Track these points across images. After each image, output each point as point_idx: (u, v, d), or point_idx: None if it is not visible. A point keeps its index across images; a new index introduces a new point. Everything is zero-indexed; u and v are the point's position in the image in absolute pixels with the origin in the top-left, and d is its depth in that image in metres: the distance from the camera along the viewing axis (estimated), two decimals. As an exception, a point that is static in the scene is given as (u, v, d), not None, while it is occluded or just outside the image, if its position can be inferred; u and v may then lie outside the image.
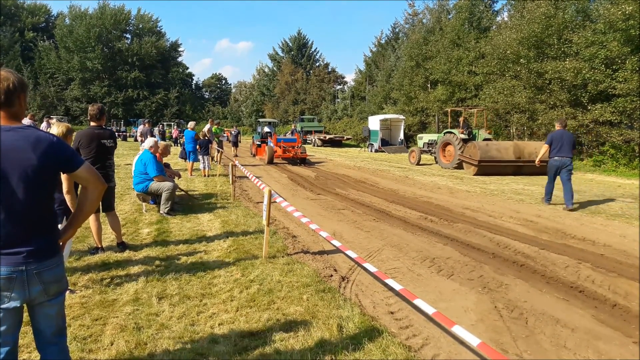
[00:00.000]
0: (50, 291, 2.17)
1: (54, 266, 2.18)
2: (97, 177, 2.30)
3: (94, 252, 5.39)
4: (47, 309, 2.21)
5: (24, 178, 2.05)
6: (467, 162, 15.71)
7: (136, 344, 3.26)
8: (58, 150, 2.16)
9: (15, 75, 2.14)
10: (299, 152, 18.83)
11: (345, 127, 41.73)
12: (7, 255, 2.03)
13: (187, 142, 13.99)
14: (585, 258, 5.64)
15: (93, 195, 2.31)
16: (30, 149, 2.07)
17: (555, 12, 19.68)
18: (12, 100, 2.13)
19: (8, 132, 2.05)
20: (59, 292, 2.23)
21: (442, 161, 18.71)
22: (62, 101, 59.83)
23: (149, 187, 7.77)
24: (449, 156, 18.30)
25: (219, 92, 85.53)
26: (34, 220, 2.12)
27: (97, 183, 2.30)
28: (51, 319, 2.25)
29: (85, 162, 2.28)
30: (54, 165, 2.16)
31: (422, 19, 39.61)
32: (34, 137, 2.10)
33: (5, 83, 2.09)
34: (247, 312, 3.85)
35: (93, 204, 2.34)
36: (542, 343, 3.46)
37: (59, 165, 2.20)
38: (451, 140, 18.02)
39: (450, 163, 17.96)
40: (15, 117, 2.16)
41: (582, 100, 18.60)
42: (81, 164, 2.24)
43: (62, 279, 2.24)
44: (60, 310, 2.29)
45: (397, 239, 6.55)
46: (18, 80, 2.14)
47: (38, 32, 62.73)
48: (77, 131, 5.51)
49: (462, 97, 28.30)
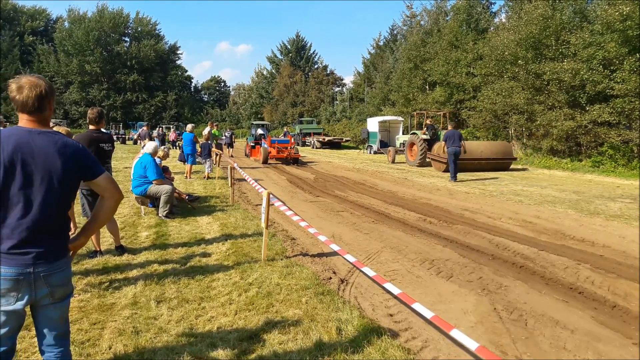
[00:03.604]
0: (56, 294, 2.19)
1: (62, 269, 2.20)
2: (115, 186, 2.38)
3: (93, 256, 5.38)
4: (51, 312, 2.22)
5: (47, 180, 2.12)
6: (436, 160, 17.08)
7: (134, 348, 3.24)
8: (82, 157, 2.25)
9: (45, 82, 2.21)
10: (292, 153, 20.12)
11: (344, 129, 41.76)
12: (16, 255, 2.05)
13: (185, 145, 13.97)
14: (585, 259, 5.63)
15: (109, 204, 2.36)
16: (57, 154, 2.15)
17: (552, 13, 19.69)
18: (44, 106, 2.19)
19: (39, 136, 2.14)
20: (65, 296, 2.25)
21: (409, 159, 20.20)
22: (61, 104, 59.72)
23: (147, 190, 7.76)
24: (415, 155, 19.70)
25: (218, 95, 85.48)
26: (48, 223, 2.15)
27: (114, 192, 2.36)
28: (54, 322, 2.25)
29: (106, 172, 2.35)
30: (76, 171, 2.23)
31: (420, 20, 39.65)
32: (61, 143, 2.19)
33: (38, 90, 2.15)
34: (246, 315, 3.84)
35: (109, 213, 2.39)
36: (541, 345, 3.45)
37: (81, 172, 2.27)
38: (415, 141, 19.55)
39: (414, 161, 19.51)
40: (45, 121, 2.24)
41: (580, 101, 18.61)
42: (102, 172, 2.32)
43: (68, 283, 2.27)
44: (64, 314, 2.30)
45: (396, 241, 6.55)
46: (48, 86, 2.21)
47: (37, 36, 62.72)
48: (76, 134, 5.50)
49: (460, 99, 28.28)
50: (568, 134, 18.97)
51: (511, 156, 17.97)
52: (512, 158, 18.02)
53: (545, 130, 20.08)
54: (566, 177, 15.62)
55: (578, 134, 18.76)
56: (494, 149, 17.73)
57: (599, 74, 17.22)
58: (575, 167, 17.97)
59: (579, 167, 17.96)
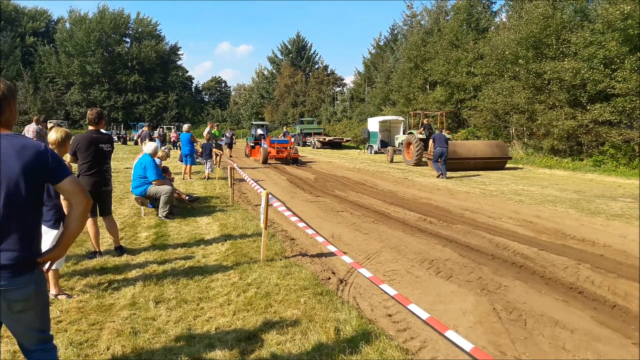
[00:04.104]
0: (14, 308, 2.06)
1: (23, 285, 2.04)
2: (81, 190, 2.19)
3: (92, 257, 5.38)
4: (13, 324, 2.13)
5: (6, 186, 1.99)
6: (431, 159, 16.89)
7: (132, 348, 3.24)
8: (43, 160, 2.08)
9: (3, 83, 2.10)
10: (291, 153, 20.26)
11: (344, 128, 41.73)
12: None
13: (183, 145, 13.94)
14: (585, 259, 5.62)
15: (77, 211, 2.16)
16: (16, 157, 2.02)
17: (553, 13, 19.67)
18: (3, 109, 2.10)
19: None
20: (25, 310, 2.10)
21: (406, 159, 20.49)
22: (62, 105, 59.85)
23: (147, 191, 7.76)
24: (411, 154, 19.92)
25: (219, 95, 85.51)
26: (9, 233, 2.01)
27: (81, 197, 2.16)
28: (20, 333, 2.19)
29: (72, 175, 2.19)
30: (37, 174, 2.08)
31: (421, 20, 39.62)
32: (20, 145, 2.05)
33: None
34: (244, 315, 3.83)
35: (78, 221, 2.18)
36: (540, 345, 3.44)
37: (43, 175, 2.11)
38: (412, 140, 19.82)
39: (410, 160, 19.71)
40: (6, 124, 2.12)
41: (581, 100, 18.58)
42: (66, 175, 2.15)
43: (30, 299, 2.09)
44: (32, 323, 2.16)
45: (396, 241, 6.54)
46: (6, 87, 2.10)
47: (38, 37, 62.79)
48: (75, 135, 5.50)
49: (461, 98, 28.28)
50: (569, 133, 18.95)
51: (506, 155, 18.06)
52: (507, 157, 18.12)
53: (546, 130, 20.05)
54: (567, 177, 15.60)
55: (579, 133, 18.74)
56: (489, 148, 17.87)
57: (600, 73, 17.20)
58: (577, 167, 17.93)
59: (580, 166, 17.93)
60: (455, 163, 16.62)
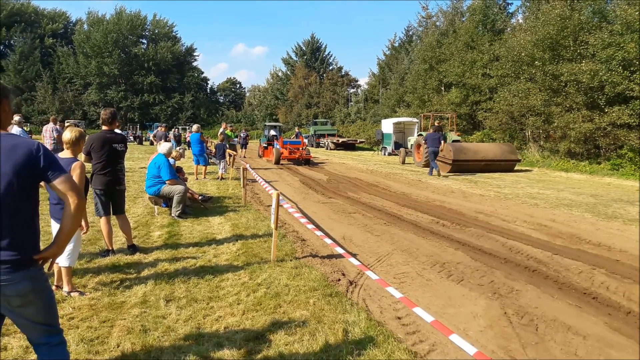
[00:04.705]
0: (13, 304, 2.09)
1: (18, 281, 2.06)
2: (74, 190, 2.17)
3: (105, 255, 5.45)
4: (16, 317, 2.17)
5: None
6: (442, 161, 16.87)
7: (142, 346, 3.27)
8: (35, 159, 2.07)
9: None
10: (303, 154, 20.37)
11: (358, 130, 41.68)
12: None
13: (193, 145, 14.00)
14: (600, 264, 5.51)
15: (69, 210, 2.15)
16: (7, 157, 2.02)
17: (570, 14, 19.38)
18: None
19: None
20: (24, 305, 2.13)
21: (416, 160, 20.58)
22: (79, 105, 60.86)
23: (160, 190, 7.84)
24: (421, 155, 19.83)
25: (234, 96, 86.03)
26: (4, 231, 2.03)
27: (74, 196, 2.15)
28: (25, 326, 2.22)
29: (66, 174, 2.18)
30: (29, 174, 2.08)
31: (436, 21, 39.36)
32: (10, 144, 2.05)
33: None
34: (253, 315, 3.84)
35: (71, 220, 2.17)
36: (552, 350, 3.39)
37: (35, 174, 2.10)
38: (421, 142, 19.42)
39: (420, 162, 19.73)
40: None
41: (599, 103, 18.26)
42: (60, 174, 2.15)
43: (27, 295, 2.11)
44: (35, 317, 2.19)
45: (407, 243, 6.50)
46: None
47: (57, 38, 63.96)
48: (89, 135, 5.59)
49: (476, 100, 28.02)
50: (586, 136, 18.65)
51: (515, 157, 17.85)
52: (516, 160, 17.88)
53: (562, 132, 19.75)
54: (584, 180, 15.34)
55: (597, 136, 18.42)
56: (498, 150, 17.71)
57: (619, 75, 16.88)
58: (594, 170, 17.62)
59: (597, 169, 17.61)
60: (462, 165, 16.57)
